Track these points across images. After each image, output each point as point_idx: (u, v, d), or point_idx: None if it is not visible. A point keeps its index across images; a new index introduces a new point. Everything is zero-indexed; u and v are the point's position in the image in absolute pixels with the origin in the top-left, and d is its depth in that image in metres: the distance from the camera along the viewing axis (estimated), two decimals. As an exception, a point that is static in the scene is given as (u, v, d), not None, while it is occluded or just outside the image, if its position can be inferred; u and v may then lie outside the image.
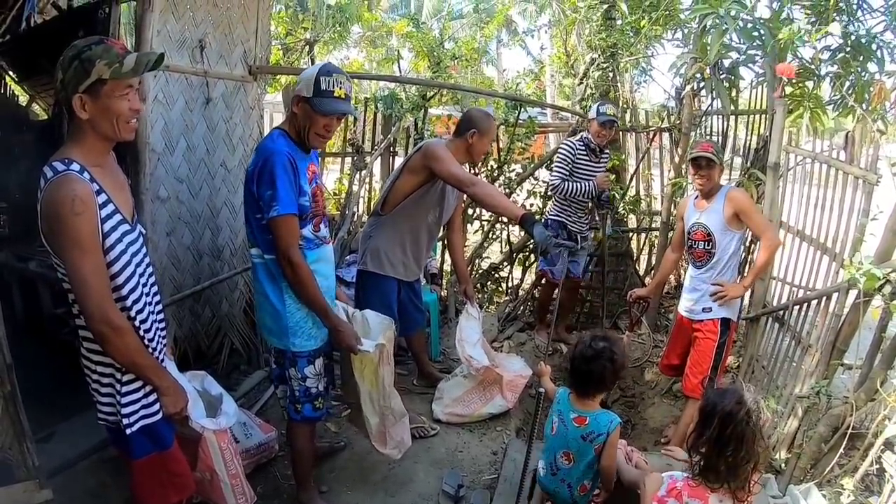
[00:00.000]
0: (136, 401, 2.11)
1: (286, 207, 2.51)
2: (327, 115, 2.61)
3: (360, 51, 15.33)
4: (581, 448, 2.60)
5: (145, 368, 2.08)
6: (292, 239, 2.58)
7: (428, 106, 6.24)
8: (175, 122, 3.84)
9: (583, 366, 2.59)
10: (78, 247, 1.86)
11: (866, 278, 2.82)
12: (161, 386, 2.14)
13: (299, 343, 2.77)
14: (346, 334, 2.77)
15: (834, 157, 3.86)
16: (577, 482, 2.66)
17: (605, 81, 6.52)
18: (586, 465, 2.61)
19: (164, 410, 2.17)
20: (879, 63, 4.18)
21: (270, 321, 2.77)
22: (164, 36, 3.66)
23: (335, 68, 2.68)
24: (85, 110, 1.88)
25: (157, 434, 2.18)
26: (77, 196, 1.83)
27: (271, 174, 2.50)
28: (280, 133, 2.67)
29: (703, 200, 3.82)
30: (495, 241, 6.74)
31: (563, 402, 2.71)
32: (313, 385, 2.85)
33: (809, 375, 3.46)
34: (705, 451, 2.13)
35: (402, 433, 3.16)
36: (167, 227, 3.87)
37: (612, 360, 2.56)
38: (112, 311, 1.94)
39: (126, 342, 1.98)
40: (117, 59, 1.87)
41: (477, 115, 3.78)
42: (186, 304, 4.08)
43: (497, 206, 3.60)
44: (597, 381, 2.59)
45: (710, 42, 4.36)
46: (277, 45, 8.35)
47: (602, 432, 2.57)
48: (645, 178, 6.75)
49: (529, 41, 19.04)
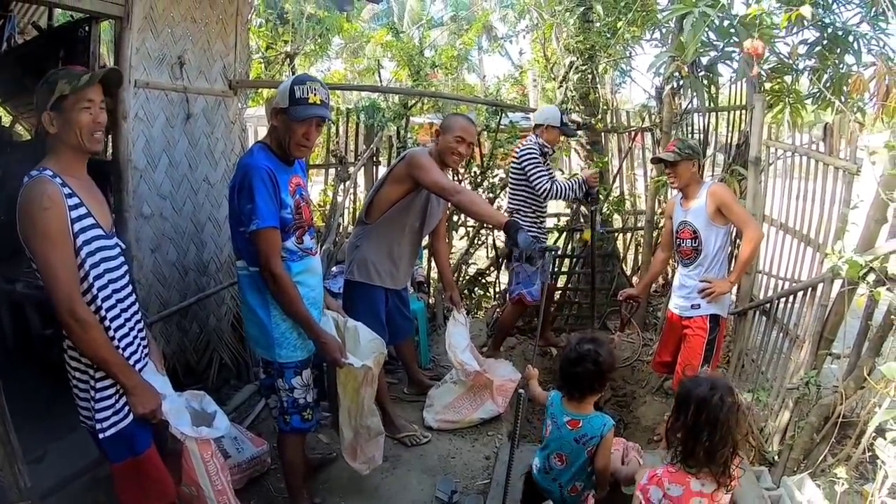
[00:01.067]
0: (109, 406, 2.18)
1: (266, 221, 2.53)
2: (304, 122, 2.62)
3: (343, 62, 15.33)
4: (574, 450, 2.62)
5: (111, 364, 2.14)
6: (273, 251, 2.59)
7: (410, 115, 6.25)
8: (156, 139, 3.84)
9: (570, 369, 2.60)
10: (47, 240, 1.97)
11: (849, 266, 2.83)
12: (128, 384, 2.19)
13: (285, 354, 2.76)
14: (331, 346, 2.76)
15: (814, 150, 3.88)
16: (569, 483, 2.68)
17: (584, 84, 6.55)
18: (579, 467, 2.63)
19: (133, 411, 2.21)
20: (856, 55, 4.22)
21: (257, 332, 2.77)
22: (143, 53, 3.66)
23: (309, 77, 2.71)
24: (53, 125, 2.05)
25: (130, 439, 2.23)
26: (45, 193, 1.97)
27: (250, 188, 2.53)
28: (260, 147, 2.69)
29: (688, 200, 3.84)
30: (481, 247, 6.74)
31: (556, 405, 2.71)
32: (301, 396, 2.83)
33: (799, 367, 3.46)
34: (682, 437, 2.19)
35: (374, 451, 3.15)
36: (152, 244, 3.85)
37: (598, 363, 2.56)
38: (78, 304, 2.03)
39: (90, 335, 2.06)
40: (76, 76, 2.07)
41: (446, 117, 3.80)
42: (174, 321, 4.06)
43: (481, 214, 3.62)
44: (585, 383, 2.59)
45: (687, 41, 4.39)
46: (258, 58, 8.34)
47: (595, 435, 2.58)
48: (629, 178, 6.77)
49: (510, 47, 19.10)
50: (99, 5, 3.37)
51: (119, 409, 2.20)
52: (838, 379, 3.25)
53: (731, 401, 2.14)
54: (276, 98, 2.67)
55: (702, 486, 2.16)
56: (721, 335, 3.94)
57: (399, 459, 3.66)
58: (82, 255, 2.06)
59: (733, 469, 2.17)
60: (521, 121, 8.29)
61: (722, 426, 2.10)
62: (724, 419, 2.11)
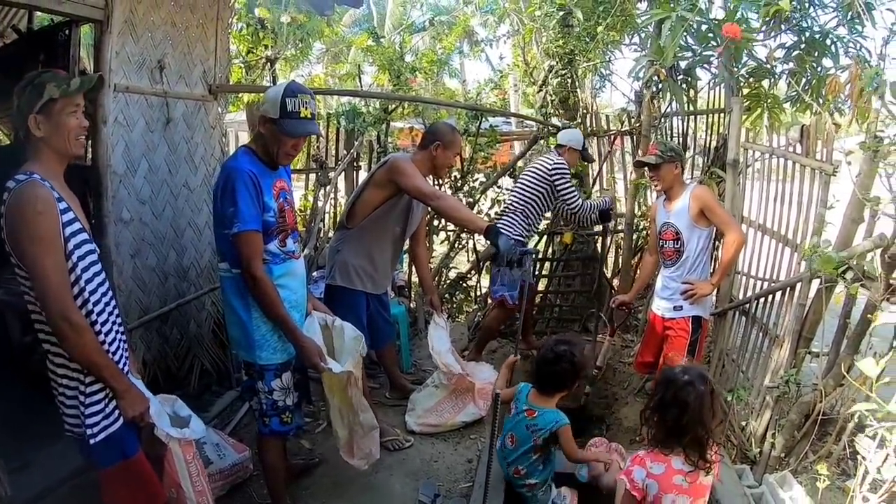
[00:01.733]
0: (99, 411, 2.16)
1: (247, 224, 2.56)
2: (291, 137, 2.67)
3: (323, 67, 15.29)
4: (523, 436, 2.83)
5: (103, 368, 2.13)
6: (254, 254, 2.61)
7: (390, 119, 6.24)
8: (136, 144, 3.80)
9: (546, 367, 2.81)
10: (40, 244, 1.95)
11: (825, 262, 2.86)
12: (118, 388, 2.19)
13: (266, 356, 2.76)
14: (310, 350, 2.77)
15: (791, 151, 3.93)
16: (514, 463, 2.87)
17: (564, 88, 6.58)
18: (523, 452, 2.83)
19: (123, 414, 2.20)
20: (834, 58, 4.27)
21: (239, 334, 2.77)
22: (122, 57, 3.62)
23: (300, 88, 2.73)
24: (40, 129, 2.03)
25: (120, 443, 2.22)
26: (39, 197, 1.96)
27: (232, 192, 2.56)
28: (245, 151, 2.73)
29: (671, 201, 3.87)
30: (462, 251, 6.74)
31: (522, 394, 2.92)
32: (280, 399, 2.82)
33: (778, 366, 3.49)
34: (652, 418, 2.33)
35: (370, 445, 3.14)
36: (131, 250, 3.81)
37: (573, 363, 2.78)
38: (71, 308, 2.02)
39: (84, 340, 2.06)
40: (64, 81, 2.07)
41: (442, 128, 3.81)
42: (154, 327, 4.01)
43: (461, 219, 3.69)
44: (556, 381, 2.82)
45: (666, 45, 4.42)
46: (238, 63, 8.28)
47: (545, 428, 2.78)
48: (608, 181, 6.80)
49: (490, 51, 19.16)
50: (79, 9, 3.33)
51: (109, 412, 2.19)
52: (818, 377, 3.28)
53: (701, 386, 2.23)
54: (265, 105, 2.69)
55: (683, 464, 2.25)
56: (703, 336, 3.96)
57: (382, 463, 3.62)
58: (73, 259, 2.06)
59: (710, 454, 2.25)
60: (502, 125, 8.33)
61: (692, 408, 2.20)
62: (693, 402, 2.20)
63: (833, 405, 3.18)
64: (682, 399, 2.21)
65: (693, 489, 2.25)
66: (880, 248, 2.94)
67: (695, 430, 2.21)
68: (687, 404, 2.20)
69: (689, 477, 2.24)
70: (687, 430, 2.21)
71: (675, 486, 2.24)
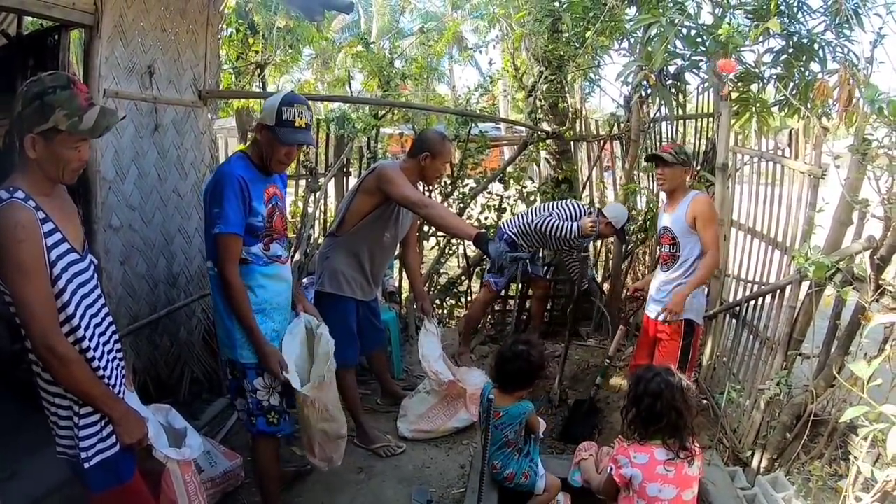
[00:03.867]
0: (94, 434, 2.06)
1: (229, 227, 2.61)
2: (285, 145, 2.73)
3: (313, 73, 15.26)
4: (494, 435, 2.95)
5: (95, 399, 2.03)
6: (230, 258, 2.67)
7: (380, 125, 6.23)
8: (125, 150, 3.78)
9: (504, 366, 2.95)
10: (21, 273, 1.84)
11: (815, 267, 2.88)
12: (114, 416, 2.09)
13: (247, 356, 2.79)
14: (269, 359, 2.78)
15: (779, 155, 3.95)
16: (490, 461, 2.98)
17: (553, 93, 6.60)
18: (496, 448, 2.96)
19: (121, 441, 2.11)
20: (822, 62, 4.30)
21: (223, 333, 2.83)
22: (112, 63, 3.61)
23: (297, 98, 2.79)
24: (35, 150, 1.88)
25: (115, 467, 2.12)
26: (19, 223, 1.82)
27: (221, 194, 2.61)
28: (240, 156, 2.77)
29: (672, 205, 3.90)
30: (452, 256, 6.74)
31: (485, 395, 3.01)
32: (264, 398, 2.85)
33: (769, 368, 3.51)
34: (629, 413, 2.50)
35: (332, 452, 3.11)
36: (121, 256, 3.79)
37: (530, 362, 2.92)
38: (56, 339, 1.91)
39: (71, 371, 1.95)
40: (78, 111, 1.88)
41: (431, 137, 3.80)
42: (144, 334, 3.98)
43: (450, 227, 3.71)
44: (515, 380, 2.95)
45: (654, 50, 4.44)
46: (228, 69, 8.26)
47: (515, 422, 2.94)
48: (598, 185, 6.82)
49: (479, 57, 19.19)
50: (69, 14, 3.31)
51: (105, 437, 2.09)
52: (809, 378, 3.30)
53: (669, 377, 2.44)
54: (262, 112, 2.76)
55: (665, 455, 2.40)
56: (696, 341, 3.97)
57: (374, 470, 3.63)
58: (61, 283, 1.93)
59: (690, 444, 2.42)
60: (491, 131, 8.34)
61: (662, 395, 2.39)
62: (665, 390, 2.40)
63: (824, 406, 3.19)
64: (652, 390, 2.42)
65: (678, 479, 2.39)
66: (869, 249, 2.95)
67: (669, 415, 2.38)
68: (658, 393, 2.40)
69: (670, 466, 2.38)
70: (662, 416, 2.39)
71: (660, 476, 2.38)
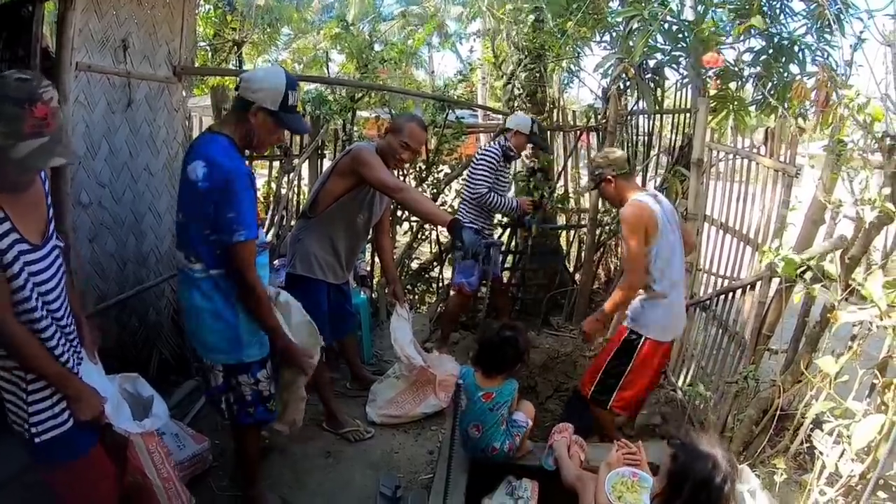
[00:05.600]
0: (45, 409, 2.02)
1: (251, 232, 2.43)
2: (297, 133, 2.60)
3: (290, 53, 15.06)
4: (488, 418, 2.96)
5: (51, 377, 2.00)
6: (252, 261, 2.49)
7: (356, 108, 6.16)
8: (97, 125, 3.67)
9: (491, 352, 3.00)
10: None
11: (785, 263, 2.91)
12: (70, 393, 2.05)
13: (254, 353, 2.70)
14: (297, 354, 2.77)
15: (755, 153, 3.99)
16: (487, 447, 2.99)
17: (531, 82, 6.59)
18: (491, 431, 2.97)
19: (76, 418, 2.07)
20: (801, 65, 4.35)
21: (217, 338, 2.63)
22: (85, 35, 3.49)
23: (294, 79, 2.60)
24: None
25: (69, 442, 2.08)
26: None
27: (238, 196, 2.39)
28: (227, 143, 2.51)
29: None
30: (425, 242, 6.72)
31: (468, 380, 3.00)
32: (266, 388, 2.79)
33: (737, 362, 3.55)
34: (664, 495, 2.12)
35: (294, 414, 3.08)
36: (89, 234, 3.69)
37: (517, 348, 2.99)
38: (6, 320, 1.85)
39: (25, 352, 1.91)
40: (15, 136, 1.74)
41: (402, 116, 3.77)
42: (112, 314, 3.89)
43: (424, 212, 3.68)
44: (501, 364, 3.00)
45: (635, 43, 4.45)
46: (205, 45, 8.11)
47: (507, 399, 2.98)
48: (573, 176, 6.85)
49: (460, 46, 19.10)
50: (43, -17, 3.20)
51: (57, 413, 2.04)
52: (776, 373, 3.35)
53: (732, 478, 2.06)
54: (260, 93, 2.49)
55: None
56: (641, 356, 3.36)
57: (342, 455, 3.60)
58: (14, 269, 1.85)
59: None
60: (469, 117, 8.31)
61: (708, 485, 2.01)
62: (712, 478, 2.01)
63: (791, 401, 3.24)
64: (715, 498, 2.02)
65: None
66: (840, 249, 3.00)
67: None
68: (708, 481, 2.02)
69: None
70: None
71: None
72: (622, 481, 2.50)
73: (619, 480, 2.50)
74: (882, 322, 2.29)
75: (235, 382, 2.72)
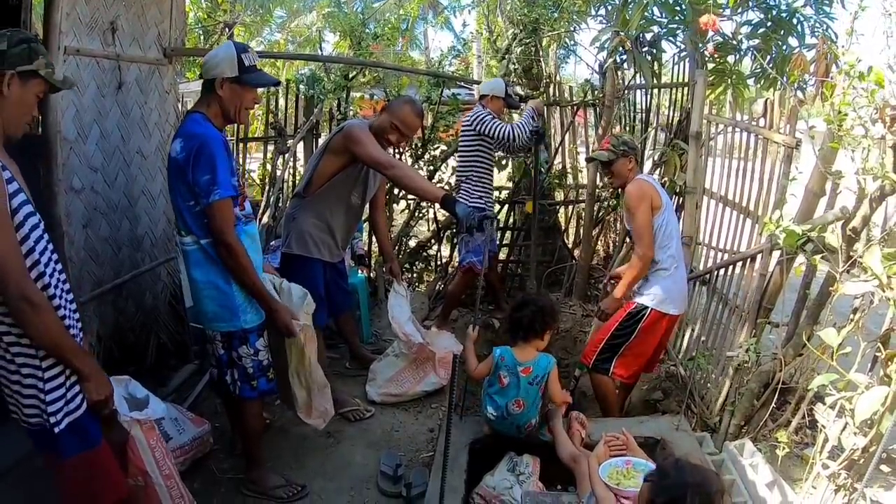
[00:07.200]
0: (61, 397, 1.99)
1: (226, 190, 2.52)
2: (260, 87, 2.73)
3: (284, 34, 14.90)
4: (530, 393, 2.95)
5: (66, 349, 1.97)
6: (230, 221, 2.58)
7: (351, 86, 6.09)
8: (87, 109, 3.61)
9: (516, 313, 3.02)
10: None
11: (786, 235, 2.88)
12: (83, 370, 2.03)
13: (250, 319, 2.76)
14: (282, 314, 2.78)
15: (754, 125, 3.95)
16: (525, 422, 2.98)
17: (527, 57, 6.51)
18: (533, 407, 2.97)
19: (88, 397, 2.05)
20: (800, 37, 4.31)
21: (215, 306, 2.72)
22: (73, 18, 3.42)
23: (244, 45, 2.74)
24: (8, 89, 1.89)
25: (84, 430, 2.06)
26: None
27: (210, 158, 2.50)
28: (203, 117, 2.65)
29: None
30: (422, 220, 6.68)
31: (507, 358, 2.99)
32: (264, 357, 2.85)
33: (738, 335, 3.54)
34: None
35: (325, 403, 3.14)
36: (83, 219, 3.64)
37: (540, 306, 3.01)
38: (31, 287, 1.86)
39: (45, 319, 1.89)
40: (51, 65, 2.01)
41: (398, 98, 3.74)
42: (108, 299, 3.85)
43: (417, 189, 3.67)
44: (530, 327, 2.97)
45: (631, 15, 4.39)
46: (196, 27, 8.00)
47: (543, 373, 2.96)
48: (570, 151, 6.79)
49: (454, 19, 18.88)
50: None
51: (71, 398, 2.02)
52: (777, 347, 3.33)
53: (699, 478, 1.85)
54: (216, 69, 2.62)
55: None
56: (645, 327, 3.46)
57: (343, 434, 3.60)
58: (24, 230, 1.88)
59: None
60: (465, 95, 8.23)
61: None
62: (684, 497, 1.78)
63: (792, 374, 3.23)
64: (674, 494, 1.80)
65: None
66: (842, 220, 2.97)
67: None
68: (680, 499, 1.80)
69: None
70: None
71: None
72: (617, 471, 2.52)
73: (614, 470, 2.52)
74: (884, 294, 2.27)
75: (237, 356, 2.77)
